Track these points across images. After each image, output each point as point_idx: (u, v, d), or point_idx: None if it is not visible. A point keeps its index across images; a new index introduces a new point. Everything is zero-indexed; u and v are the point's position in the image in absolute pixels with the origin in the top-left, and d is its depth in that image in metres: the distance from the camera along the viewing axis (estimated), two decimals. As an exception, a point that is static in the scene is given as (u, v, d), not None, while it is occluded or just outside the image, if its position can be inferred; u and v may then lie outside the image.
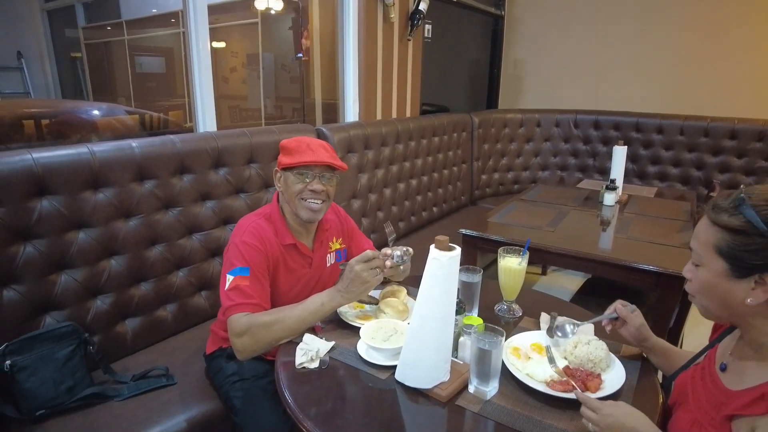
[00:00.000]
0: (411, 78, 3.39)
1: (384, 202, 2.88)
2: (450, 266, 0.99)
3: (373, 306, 1.43)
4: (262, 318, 1.28)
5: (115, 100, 4.41)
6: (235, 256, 1.34)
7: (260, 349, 1.30)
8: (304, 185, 1.37)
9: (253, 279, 1.32)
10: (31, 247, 1.48)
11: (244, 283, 1.30)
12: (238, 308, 1.28)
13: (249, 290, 1.30)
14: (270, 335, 1.27)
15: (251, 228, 1.38)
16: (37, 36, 4.08)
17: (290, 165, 1.36)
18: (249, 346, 1.28)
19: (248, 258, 1.33)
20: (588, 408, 0.94)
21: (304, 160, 1.35)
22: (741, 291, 0.84)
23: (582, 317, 1.39)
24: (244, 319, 1.27)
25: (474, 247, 2.23)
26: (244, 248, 1.34)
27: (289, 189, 1.40)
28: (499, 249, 1.41)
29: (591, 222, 2.52)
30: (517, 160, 4.10)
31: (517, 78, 4.66)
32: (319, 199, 1.39)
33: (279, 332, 1.27)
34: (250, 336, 1.26)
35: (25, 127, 2.40)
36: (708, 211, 0.87)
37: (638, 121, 3.80)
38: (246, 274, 1.31)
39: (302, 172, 1.37)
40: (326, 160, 1.37)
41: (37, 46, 4.06)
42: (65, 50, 4.21)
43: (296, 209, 1.41)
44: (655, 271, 1.83)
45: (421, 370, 1.05)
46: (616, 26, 4.07)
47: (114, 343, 1.68)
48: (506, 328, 1.36)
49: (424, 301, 1.01)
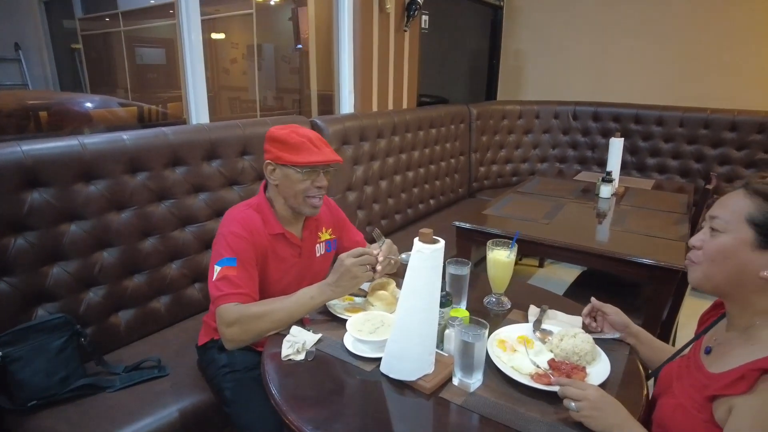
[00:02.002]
0: (408, 69, 3.37)
1: (380, 194, 2.87)
2: (434, 259, 0.99)
3: (361, 298, 1.43)
4: (252, 309, 1.28)
5: (114, 92, 4.40)
6: (222, 246, 1.34)
7: (249, 340, 1.31)
8: (311, 182, 1.38)
9: (240, 269, 1.32)
10: (23, 239, 1.48)
11: (231, 273, 1.30)
12: (227, 298, 1.28)
13: (237, 280, 1.30)
14: (259, 326, 1.28)
15: (238, 218, 1.39)
16: (34, 27, 4.05)
17: (298, 164, 1.35)
18: (237, 336, 1.28)
19: (235, 248, 1.33)
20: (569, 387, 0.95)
21: (313, 159, 1.35)
22: (759, 262, 0.86)
23: (572, 310, 1.39)
24: (234, 309, 1.27)
25: (469, 240, 2.23)
26: (231, 239, 1.34)
27: (292, 186, 1.39)
28: (488, 242, 1.41)
29: (587, 214, 2.51)
30: (516, 152, 4.09)
31: (517, 69, 4.62)
32: (321, 194, 1.42)
33: (268, 324, 1.28)
34: (239, 326, 1.27)
35: (15, 119, 2.40)
36: (746, 185, 0.91)
37: (638, 112, 3.77)
38: (233, 264, 1.31)
39: (311, 170, 1.37)
40: (333, 158, 1.39)
41: (35, 37, 4.04)
42: (63, 41, 4.20)
43: (299, 206, 1.42)
44: (650, 264, 1.82)
45: (405, 363, 1.05)
46: (617, 17, 4.03)
47: (107, 335, 1.69)
48: (494, 321, 1.37)
49: (408, 293, 1.01)
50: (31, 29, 4.02)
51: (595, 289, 2.34)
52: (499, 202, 2.60)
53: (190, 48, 2.09)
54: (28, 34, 3.98)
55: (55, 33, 4.14)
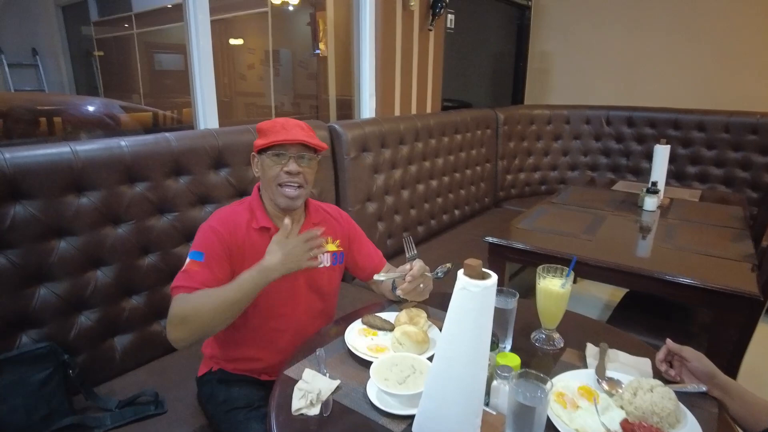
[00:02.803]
0: (432, 71, 3.17)
1: (401, 204, 2.67)
2: (483, 299, 0.78)
3: (386, 332, 1.22)
4: (190, 297, 1.14)
5: (128, 97, 4.30)
6: (197, 239, 1.27)
7: (192, 335, 1.15)
8: (280, 168, 1.26)
9: (204, 266, 1.21)
10: (3, 257, 1.31)
11: (194, 268, 1.20)
12: (176, 290, 1.18)
13: (195, 275, 1.19)
14: (201, 315, 1.13)
15: (222, 214, 1.31)
16: (51, 32, 3.99)
17: (264, 146, 1.26)
18: (180, 333, 1.14)
19: (207, 244, 1.24)
20: None
21: (278, 139, 1.25)
22: None
23: (636, 349, 1.17)
24: (176, 301, 1.15)
25: (501, 257, 2.01)
26: (207, 233, 1.26)
27: (265, 174, 1.29)
28: (538, 268, 1.19)
29: (631, 229, 2.27)
30: (545, 159, 3.85)
31: (544, 72, 4.40)
32: (295, 182, 1.27)
33: (210, 312, 1.13)
34: (179, 320, 1.13)
35: (9, 122, 2.27)
36: None
37: (677, 117, 3.52)
38: (200, 259, 1.22)
39: (278, 153, 1.26)
40: (301, 137, 1.26)
41: (52, 42, 3.97)
42: (79, 46, 4.12)
43: (273, 196, 1.30)
44: (716, 290, 1.58)
45: (444, 424, 0.84)
46: (651, 15, 3.79)
47: (100, 363, 1.52)
48: (545, 363, 1.15)
49: (450, 340, 0.81)
50: (48, 34, 3.96)
51: (643, 313, 2.12)
52: (532, 214, 2.38)
53: (198, 50, 1.93)
54: (45, 39, 3.92)
55: (72, 38, 4.07)
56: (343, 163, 2.29)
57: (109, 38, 4.48)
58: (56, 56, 3.96)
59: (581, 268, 1.81)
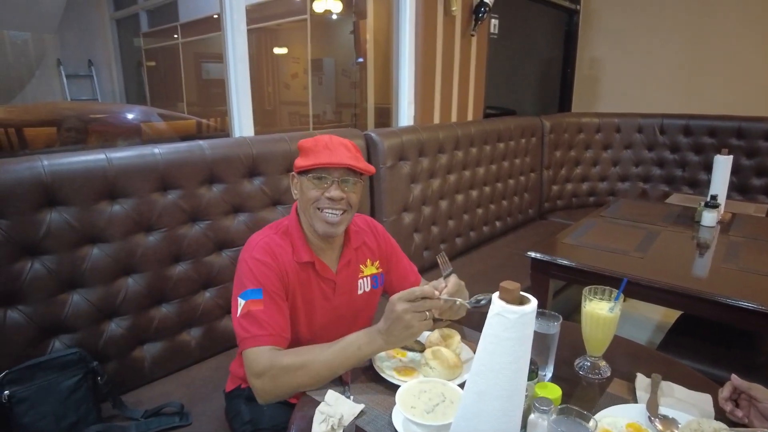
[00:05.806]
0: (474, 77, 3.08)
1: (439, 215, 2.58)
2: (522, 327, 0.69)
3: (416, 354, 1.15)
4: (284, 359, 1.05)
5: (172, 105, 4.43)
6: (245, 275, 1.13)
7: (282, 395, 1.08)
8: (321, 192, 1.14)
9: (267, 302, 1.10)
10: (39, 263, 1.32)
11: (257, 308, 1.09)
12: (253, 341, 1.07)
13: (264, 316, 1.09)
14: (293, 381, 1.05)
15: (262, 243, 1.17)
16: (106, 44, 4.17)
17: (305, 168, 1.14)
18: (270, 390, 1.06)
19: (260, 277, 1.12)
20: None
21: (320, 161, 1.12)
22: None
23: (694, 382, 1.04)
24: (263, 357, 1.05)
25: (545, 273, 1.89)
26: (255, 266, 1.13)
27: (304, 196, 1.18)
28: (584, 289, 1.09)
29: (688, 247, 2.10)
30: (593, 169, 3.67)
31: (594, 78, 4.22)
32: (339, 209, 1.15)
33: (304, 378, 1.04)
34: (270, 379, 1.04)
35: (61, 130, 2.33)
36: None
37: (740, 125, 3.28)
38: (259, 296, 1.10)
39: (319, 176, 1.14)
40: (347, 161, 1.13)
41: (106, 54, 4.14)
42: (130, 57, 4.28)
43: (311, 221, 1.18)
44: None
45: (475, 463, 0.76)
46: (710, 18, 3.57)
47: (129, 371, 1.51)
48: (590, 394, 1.04)
49: (482, 371, 0.73)
50: (103, 46, 4.14)
51: (699, 338, 1.94)
52: (580, 228, 2.24)
53: (234, 57, 1.92)
54: (100, 51, 4.10)
55: (124, 49, 4.24)
56: (379, 173, 2.23)
57: (157, 48, 4.63)
58: (110, 67, 4.13)
59: (631, 288, 1.67)
